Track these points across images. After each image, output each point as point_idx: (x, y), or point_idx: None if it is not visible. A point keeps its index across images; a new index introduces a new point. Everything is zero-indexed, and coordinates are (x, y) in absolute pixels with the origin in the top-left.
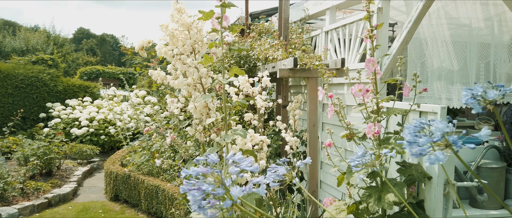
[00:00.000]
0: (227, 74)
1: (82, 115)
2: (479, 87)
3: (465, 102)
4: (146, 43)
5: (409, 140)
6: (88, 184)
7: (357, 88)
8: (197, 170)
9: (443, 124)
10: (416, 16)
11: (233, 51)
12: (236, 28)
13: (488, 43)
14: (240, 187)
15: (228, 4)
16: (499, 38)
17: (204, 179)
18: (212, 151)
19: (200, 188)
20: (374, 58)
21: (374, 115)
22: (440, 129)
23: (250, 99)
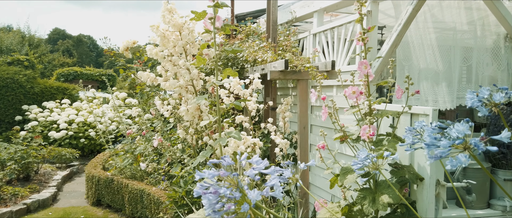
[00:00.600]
0: (220, 76)
1: (61, 118)
2: (486, 90)
3: (471, 105)
4: (130, 44)
5: (428, 143)
6: (68, 188)
7: (351, 90)
8: (213, 173)
9: (464, 127)
10: (406, 19)
11: (227, 52)
12: (229, 28)
13: (471, 46)
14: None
15: (221, 4)
16: (481, 42)
17: (217, 183)
18: (206, 154)
19: (217, 192)
20: (367, 60)
21: (368, 117)
22: (461, 132)
23: (244, 101)
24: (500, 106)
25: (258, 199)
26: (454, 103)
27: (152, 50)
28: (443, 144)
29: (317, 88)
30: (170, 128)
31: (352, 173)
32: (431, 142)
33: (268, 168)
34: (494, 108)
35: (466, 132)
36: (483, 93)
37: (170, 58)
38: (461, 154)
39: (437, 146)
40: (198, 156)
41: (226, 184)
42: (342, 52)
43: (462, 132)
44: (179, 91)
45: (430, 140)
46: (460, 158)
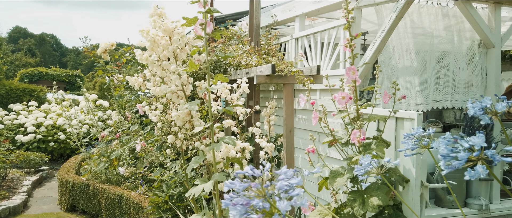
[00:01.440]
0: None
1: (28, 121)
2: (488, 100)
3: (473, 113)
4: (109, 46)
5: (443, 154)
6: (39, 194)
7: (341, 95)
8: (243, 185)
9: (480, 139)
10: (389, 26)
11: (218, 57)
12: (219, 34)
13: (448, 51)
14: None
15: (213, 10)
16: (458, 47)
17: (245, 193)
18: (199, 159)
19: (248, 203)
20: (354, 66)
21: (359, 121)
22: (477, 144)
23: (237, 106)
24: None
25: (288, 209)
26: (429, 106)
27: (142, 55)
28: (461, 156)
29: (306, 93)
30: (147, 132)
31: (341, 176)
32: (446, 153)
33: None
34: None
35: (482, 144)
36: (486, 103)
37: (160, 63)
38: (479, 166)
39: (452, 157)
40: (191, 161)
41: (252, 194)
42: (325, 57)
43: (478, 144)
44: (171, 97)
45: (446, 151)
46: (478, 170)
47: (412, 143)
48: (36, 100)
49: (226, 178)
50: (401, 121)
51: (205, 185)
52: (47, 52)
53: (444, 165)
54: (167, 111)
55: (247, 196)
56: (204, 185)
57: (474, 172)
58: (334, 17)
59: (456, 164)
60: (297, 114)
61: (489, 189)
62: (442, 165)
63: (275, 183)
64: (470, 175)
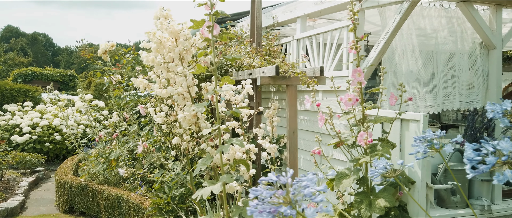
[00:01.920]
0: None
1: (24, 121)
2: (509, 103)
3: (493, 116)
4: (109, 47)
5: (470, 158)
6: (36, 195)
7: (347, 97)
8: (269, 192)
9: (508, 144)
10: (393, 28)
11: (226, 59)
12: (226, 36)
13: (453, 53)
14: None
15: (221, 12)
16: (461, 48)
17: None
18: (207, 161)
19: (276, 210)
20: (361, 68)
21: (366, 123)
22: (506, 149)
23: (245, 108)
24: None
25: (315, 216)
26: (439, 108)
27: (148, 56)
28: (489, 160)
29: (311, 94)
30: (146, 132)
31: (347, 178)
32: (472, 157)
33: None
34: None
35: (510, 149)
36: (506, 106)
37: (167, 65)
38: (508, 170)
39: (477, 161)
40: (198, 163)
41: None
42: (328, 58)
43: (506, 149)
44: (177, 99)
45: (472, 155)
46: (507, 174)
47: (424, 146)
48: (31, 101)
49: (234, 180)
50: (406, 122)
51: (214, 187)
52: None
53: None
54: (172, 113)
55: (272, 202)
56: (212, 187)
57: (503, 176)
58: (335, 19)
59: (484, 168)
60: (299, 115)
61: (490, 189)
62: (468, 169)
63: (302, 191)
64: (499, 180)
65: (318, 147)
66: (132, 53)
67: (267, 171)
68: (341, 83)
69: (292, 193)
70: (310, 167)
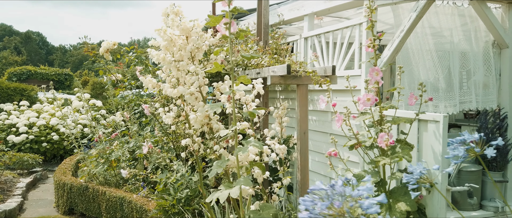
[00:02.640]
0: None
1: (20, 121)
2: None
3: None
4: (111, 46)
5: None
6: (34, 197)
7: (366, 97)
8: (325, 203)
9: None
10: (409, 26)
11: (243, 57)
12: (243, 34)
13: (467, 52)
14: None
15: (239, 8)
16: (476, 47)
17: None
18: (222, 164)
19: None
20: (378, 67)
21: (387, 124)
22: None
23: (262, 109)
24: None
25: None
26: (457, 108)
27: (159, 55)
28: None
29: (326, 94)
30: (146, 132)
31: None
32: None
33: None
34: None
35: None
36: None
37: (178, 64)
38: None
39: None
40: (213, 166)
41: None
42: (338, 57)
43: None
44: (190, 99)
45: None
46: None
47: (463, 150)
48: (27, 100)
49: (252, 184)
50: (424, 123)
51: (232, 191)
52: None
53: None
54: (182, 113)
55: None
56: (230, 190)
57: None
58: (343, 17)
59: None
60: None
61: (504, 191)
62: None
63: (362, 202)
64: None
65: (334, 149)
66: (135, 51)
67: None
68: (353, 83)
69: (338, 203)
70: (319, 168)
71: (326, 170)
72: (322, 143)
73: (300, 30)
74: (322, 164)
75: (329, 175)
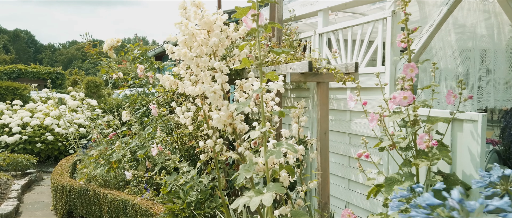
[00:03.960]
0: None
1: (13, 121)
2: None
3: None
4: (115, 43)
5: None
6: (30, 199)
7: (402, 95)
8: None
9: None
10: (439, 20)
11: (274, 52)
12: (270, 27)
13: (489, 49)
14: None
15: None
16: (498, 44)
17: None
18: (249, 168)
19: None
20: (413, 63)
21: (429, 124)
22: None
23: (292, 108)
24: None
25: None
26: (475, 106)
27: (180, 50)
28: None
29: (355, 92)
30: (148, 132)
31: (399, 184)
32: None
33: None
34: None
35: None
36: None
37: (197, 60)
38: None
39: None
40: (240, 170)
41: None
42: (358, 54)
43: None
44: (213, 97)
45: None
46: None
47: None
48: (20, 99)
49: (286, 190)
50: (459, 123)
51: (264, 197)
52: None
53: None
54: (199, 113)
55: None
56: (262, 197)
57: None
58: (358, 12)
59: None
60: None
61: None
62: None
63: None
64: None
65: (363, 150)
66: (140, 48)
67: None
68: (375, 81)
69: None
70: (336, 170)
71: (344, 172)
72: (339, 143)
73: (309, 27)
74: (339, 165)
75: (347, 176)
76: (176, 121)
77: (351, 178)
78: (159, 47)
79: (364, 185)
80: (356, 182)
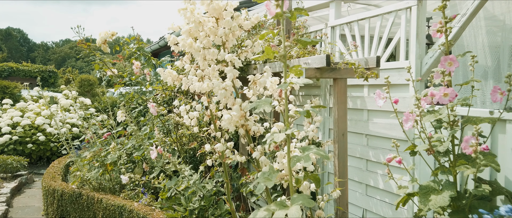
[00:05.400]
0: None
1: (3, 120)
2: None
3: None
4: (109, 36)
5: None
6: (19, 203)
7: (443, 92)
8: None
9: None
10: (473, 9)
11: (299, 42)
12: (296, 14)
13: None
14: None
15: None
16: None
17: None
18: (270, 176)
19: None
20: (453, 55)
21: (476, 126)
22: None
23: (319, 107)
24: None
25: None
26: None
27: (185, 40)
28: None
29: (385, 89)
30: (145, 133)
31: (436, 193)
32: None
33: None
34: None
35: None
36: None
37: (206, 52)
38: None
39: None
40: (259, 178)
41: None
42: (377, 47)
43: None
44: (224, 94)
45: None
46: None
47: None
48: (10, 98)
49: (314, 202)
50: (501, 124)
51: (290, 212)
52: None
53: None
54: (206, 113)
55: None
56: (287, 211)
57: None
58: (372, 4)
59: None
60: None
61: None
62: None
63: None
64: None
65: (394, 154)
66: (136, 43)
67: None
68: (397, 77)
69: None
70: (353, 174)
71: (361, 176)
72: (356, 145)
73: (317, 20)
74: (355, 169)
75: (365, 181)
76: (176, 121)
77: (369, 183)
78: (155, 44)
79: (385, 191)
80: (375, 187)
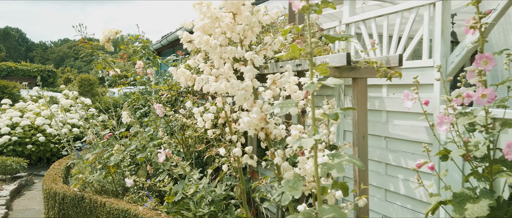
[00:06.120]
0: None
1: (2, 121)
2: None
3: None
4: (113, 34)
5: None
6: (19, 206)
7: (481, 92)
8: None
9: None
10: (504, 4)
11: (329, 39)
12: (322, 7)
13: None
14: None
15: None
16: None
17: None
18: (296, 185)
19: None
20: (489, 53)
21: (502, 126)
22: None
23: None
24: None
25: None
26: None
27: (201, 37)
28: None
29: (413, 89)
30: (149, 134)
31: (473, 202)
32: None
33: None
34: None
35: None
36: None
37: (223, 50)
38: None
39: None
40: (284, 187)
41: None
42: (396, 45)
43: None
44: (244, 95)
45: None
46: None
47: None
48: (9, 98)
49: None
50: None
51: None
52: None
53: None
54: (219, 116)
55: None
56: None
57: None
58: (387, 1)
59: None
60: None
61: None
62: None
63: None
64: None
65: (426, 160)
66: (141, 41)
67: None
68: (421, 77)
69: None
70: (372, 179)
71: (379, 181)
72: (374, 148)
73: (327, 18)
74: (374, 173)
75: (384, 186)
76: (183, 122)
77: (389, 188)
78: (157, 43)
79: (407, 197)
80: (395, 192)
